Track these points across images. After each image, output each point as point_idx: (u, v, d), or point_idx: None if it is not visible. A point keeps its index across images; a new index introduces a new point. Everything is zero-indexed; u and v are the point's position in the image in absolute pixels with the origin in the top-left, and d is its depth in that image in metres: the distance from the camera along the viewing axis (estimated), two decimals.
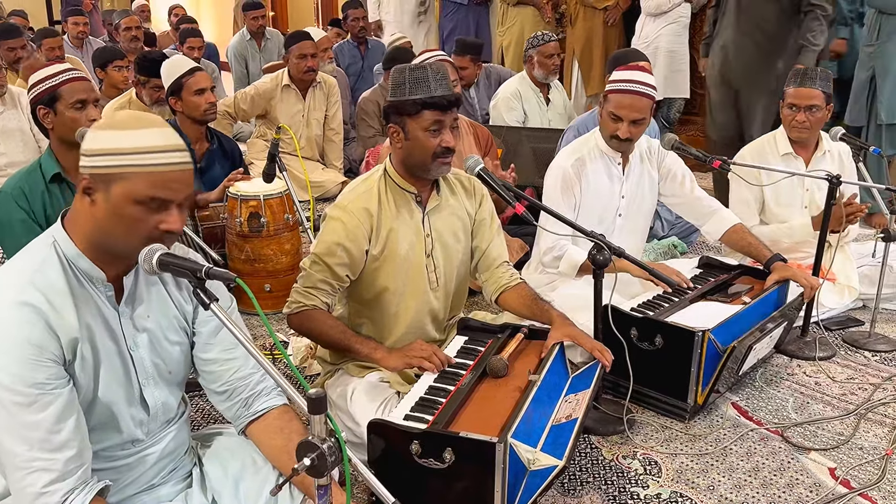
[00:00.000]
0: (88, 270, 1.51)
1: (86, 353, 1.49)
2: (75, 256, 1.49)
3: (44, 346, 1.41)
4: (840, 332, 3.20)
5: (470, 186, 2.46)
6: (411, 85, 2.15)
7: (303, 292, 2.27)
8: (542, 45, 4.70)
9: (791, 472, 2.32)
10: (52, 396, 1.41)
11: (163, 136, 1.46)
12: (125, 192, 1.43)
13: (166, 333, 1.65)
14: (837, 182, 2.87)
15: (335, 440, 1.29)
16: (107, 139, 1.44)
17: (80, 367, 1.48)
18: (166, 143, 1.46)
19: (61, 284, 1.47)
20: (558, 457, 1.91)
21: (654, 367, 2.53)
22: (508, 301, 2.47)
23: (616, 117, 2.78)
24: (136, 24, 6.67)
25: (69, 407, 1.44)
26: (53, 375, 1.42)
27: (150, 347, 1.61)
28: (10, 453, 1.40)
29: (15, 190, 2.48)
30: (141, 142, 1.43)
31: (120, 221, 1.45)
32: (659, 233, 4.12)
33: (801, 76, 3.22)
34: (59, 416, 1.41)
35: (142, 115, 1.52)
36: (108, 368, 1.54)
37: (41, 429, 1.40)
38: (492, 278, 2.49)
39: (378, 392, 2.25)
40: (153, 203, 1.44)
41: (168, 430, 1.69)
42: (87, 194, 1.46)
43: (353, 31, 6.66)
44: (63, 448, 1.42)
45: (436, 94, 2.14)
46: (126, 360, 1.58)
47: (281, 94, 5.02)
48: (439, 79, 2.16)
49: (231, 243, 3.46)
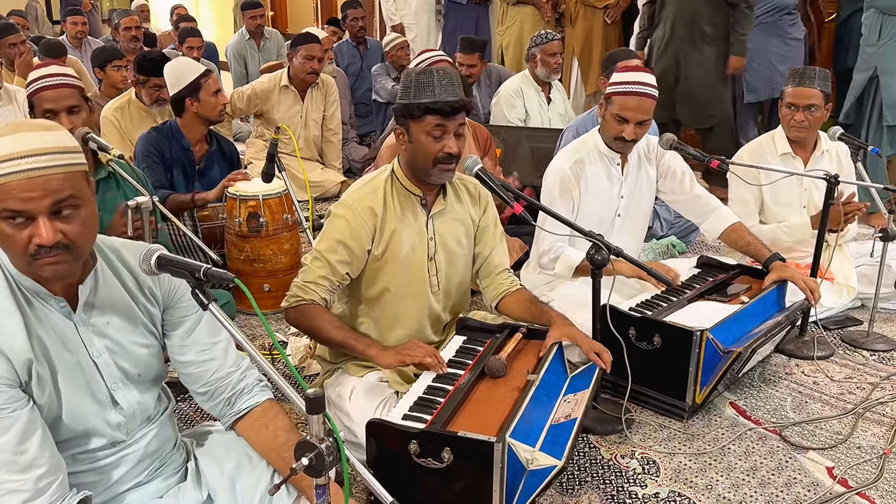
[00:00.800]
0: (32, 287, 1.48)
1: (42, 371, 1.47)
2: (18, 275, 1.46)
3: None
4: (838, 332, 3.21)
5: (475, 193, 2.46)
6: (416, 88, 2.15)
7: (302, 287, 2.27)
8: (546, 43, 4.71)
9: (789, 471, 2.32)
10: (12, 419, 1.40)
11: (14, 142, 1.36)
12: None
13: (131, 337, 1.62)
14: (836, 182, 2.88)
15: (333, 440, 1.30)
16: None
17: (38, 386, 1.46)
18: (14, 151, 1.35)
19: (8, 304, 1.44)
20: (557, 457, 1.91)
21: (652, 367, 2.54)
22: (508, 306, 2.48)
23: (622, 119, 2.78)
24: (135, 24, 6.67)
25: (31, 426, 1.42)
26: (10, 398, 1.40)
27: (113, 352, 1.59)
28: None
29: None
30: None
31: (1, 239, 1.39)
32: (658, 232, 4.13)
33: (799, 75, 3.22)
34: (21, 436, 1.40)
35: (17, 124, 1.42)
36: (69, 381, 1.51)
37: (6, 451, 1.38)
38: (492, 284, 2.50)
39: (377, 392, 2.25)
40: (13, 217, 1.36)
41: (149, 427, 1.68)
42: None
43: (352, 31, 6.67)
44: (31, 468, 1.40)
45: (440, 100, 2.13)
46: (90, 369, 1.55)
47: (279, 95, 5.02)
48: (445, 84, 2.14)
49: (230, 243, 3.47)
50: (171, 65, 3.60)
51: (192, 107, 3.46)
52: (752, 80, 5.57)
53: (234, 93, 5.16)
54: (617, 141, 2.84)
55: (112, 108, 4.18)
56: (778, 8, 5.43)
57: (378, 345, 2.27)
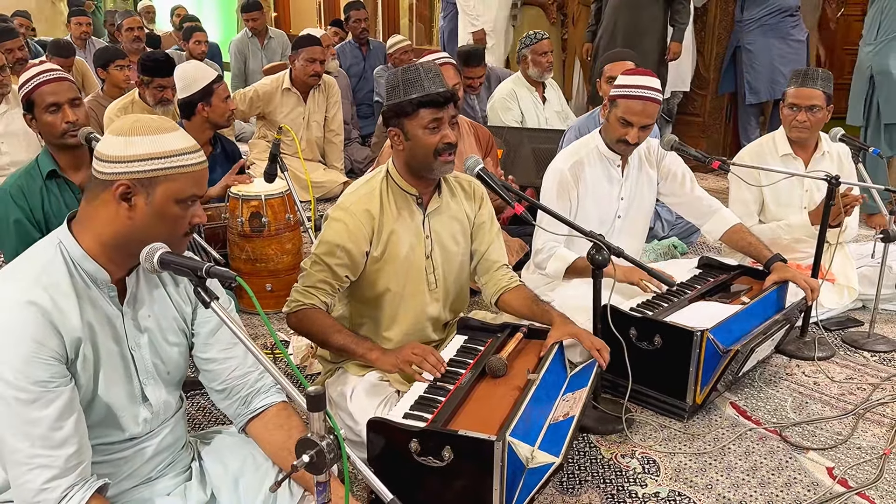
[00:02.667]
0: (93, 272, 1.53)
1: (87, 353, 1.51)
2: (81, 258, 1.51)
3: (47, 345, 1.42)
4: (839, 333, 3.21)
5: (470, 189, 2.47)
6: (405, 86, 2.17)
7: (302, 291, 2.28)
8: (535, 43, 4.72)
9: (789, 471, 2.33)
10: (55, 394, 1.43)
11: (186, 138, 1.54)
12: (169, 193, 1.49)
13: (166, 334, 1.67)
14: (836, 183, 2.88)
15: (334, 437, 1.31)
16: (144, 144, 1.48)
17: (82, 366, 1.50)
18: (193, 144, 1.54)
19: (66, 285, 1.49)
20: (555, 454, 1.92)
21: (652, 367, 2.54)
22: (508, 302, 2.48)
23: (626, 122, 2.79)
24: (137, 25, 6.69)
25: (70, 405, 1.46)
26: (56, 373, 1.44)
27: (150, 347, 1.64)
28: (12, 449, 1.42)
29: (13, 188, 2.50)
30: (175, 144, 1.50)
31: (162, 221, 1.51)
32: (659, 233, 4.13)
33: (802, 76, 3.22)
34: (60, 413, 1.43)
35: (162, 120, 1.56)
36: (108, 368, 1.56)
37: (43, 426, 1.42)
38: (491, 281, 2.50)
39: (378, 391, 2.26)
40: (190, 201, 1.53)
41: (165, 425, 1.71)
42: (124, 199, 1.48)
43: (354, 33, 6.68)
44: (64, 445, 1.43)
45: (430, 92, 2.15)
46: (127, 360, 1.60)
47: (282, 98, 5.04)
48: (432, 77, 2.17)
49: (232, 243, 3.48)
50: (183, 68, 3.61)
51: (203, 111, 3.48)
52: (754, 81, 5.61)
53: (235, 95, 5.17)
54: (619, 143, 2.84)
55: (115, 108, 4.19)
56: (780, 9, 5.45)
57: (378, 348, 2.27)
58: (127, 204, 1.49)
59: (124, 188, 1.48)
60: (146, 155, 1.47)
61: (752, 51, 5.60)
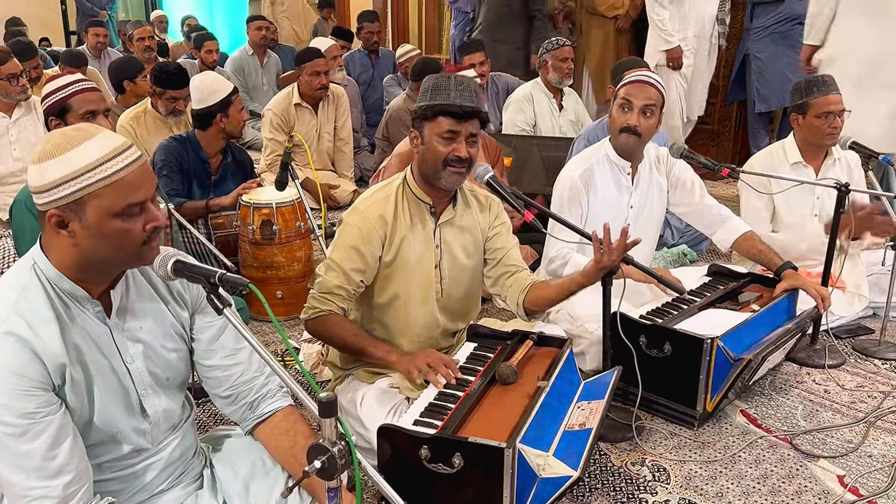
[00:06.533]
0: (71, 290, 1.49)
1: (76, 375, 1.47)
2: (56, 279, 1.48)
3: (30, 375, 1.39)
4: (850, 340, 3.20)
5: (486, 202, 2.47)
6: (433, 91, 2.20)
7: (319, 298, 2.29)
8: (557, 49, 4.75)
9: (800, 479, 2.32)
10: (44, 424, 1.40)
11: (106, 141, 1.43)
12: (100, 210, 1.41)
13: (162, 342, 1.64)
14: (846, 190, 2.88)
15: (345, 443, 1.31)
16: (58, 167, 1.40)
17: (72, 390, 1.47)
18: (115, 147, 1.43)
19: (44, 309, 1.45)
20: (573, 466, 1.92)
21: (663, 375, 2.54)
22: (536, 294, 2.38)
23: (627, 102, 2.79)
24: (148, 35, 6.75)
25: (62, 431, 1.43)
26: (43, 403, 1.41)
27: (145, 357, 1.61)
28: (9, 483, 1.40)
29: (28, 198, 2.52)
30: (91, 156, 1.40)
31: (105, 240, 1.43)
32: (669, 241, 4.13)
33: (823, 84, 3.18)
34: (52, 442, 1.41)
35: (75, 132, 1.46)
36: (102, 386, 1.53)
37: (36, 457, 1.39)
38: (515, 283, 2.43)
39: (388, 398, 2.27)
40: (131, 210, 1.43)
41: (173, 435, 1.70)
42: (60, 228, 1.43)
43: (366, 42, 6.74)
44: (60, 473, 1.41)
45: (454, 102, 2.16)
46: (122, 374, 1.57)
47: (297, 113, 5.09)
48: (461, 89, 2.18)
49: (243, 250, 3.50)
50: (201, 79, 3.65)
51: (220, 122, 3.55)
52: (764, 89, 5.60)
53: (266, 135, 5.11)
54: (623, 133, 2.81)
55: (129, 117, 4.23)
56: (789, 17, 5.45)
57: (396, 351, 2.29)
58: (66, 232, 1.43)
59: (56, 217, 1.42)
60: (59, 179, 1.39)
61: (762, 59, 5.60)
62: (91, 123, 1.54)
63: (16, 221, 2.53)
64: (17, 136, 4.25)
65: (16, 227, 2.54)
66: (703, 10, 5.58)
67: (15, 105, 4.26)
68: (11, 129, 4.25)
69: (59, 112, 2.55)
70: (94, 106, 2.55)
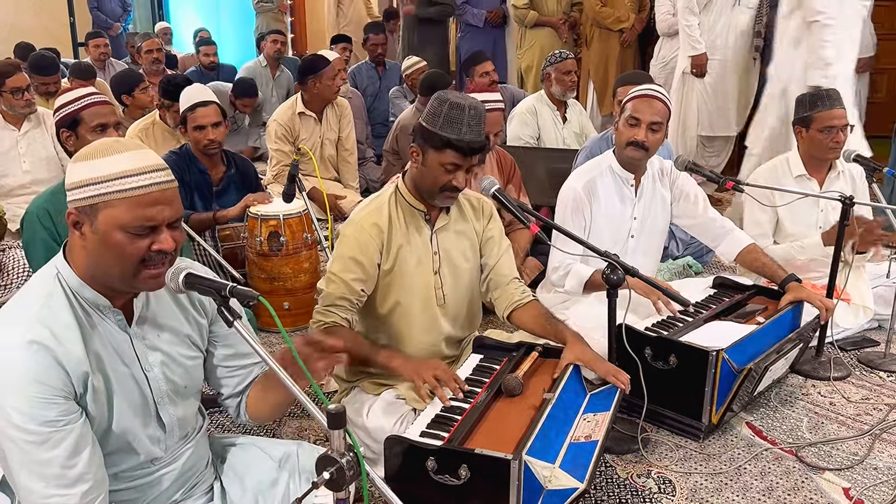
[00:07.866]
0: (93, 299, 1.51)
1: (97, 384, 1.49)
2: (78, 287, 1.50)
3: (52, 384, 1.40)
4: (855, 353, 3.20)
5: (479, 206, 2.50)
6: (445, 120, 2.17)
7: (323, 311, 2.32)
8: (560, 62, 4.76)
9: (805, 491, 2.32)
10: (65, 433, 1.41)
11: (138, 158, 1.46)
12: (111, 220, 1.43)
13: (180, 350, 1.66)
14: (851, 203, 2.89)
15: (354, 455, 1.33)
16: (84, 170, 1.44)
17: (93, 398, 1.48)
18: (143, 165, 1.45)
19: (67, 317, 1.47)
20: (579, 478, 1.92)
21: (668, 387, 2.55)
22: (521, 318, 2.48)
23: (635, 120, 2.81)
24: (157, 47, 6.80)
25: (82, 440, 1.44)
26: (64, 411, 1.42)
27: (164, 366, 1.62)
28: (27, 490, 1.41)
29: (39, 210, 2.55)
30: (117, 167, 1.43)
31: (108, 250, 1.45)
32: (674, 253, 4.14)
33: (828, 99, 3.20)
34: (72, 451, 1.42)
35: (116, 141, 1.51)
36: (122, 394, 1.54)
37: (55, 465, 1.40)
38: (503, 295, 2.50)
39: (394, 409, 2.28)
40: (140, 229, 1.44)
41: (187, 445, 1.71)
42: (75, 228, 1.47)
43: (371, 54, 6.78)
44: (78, 482, 1.42)
45: (464, 139, 2.17)
46: (141, 382, 1.58)
47: (301, 122, 5.12)
48: (473, 124, 2.18)
49: (251, 262, 3.52)
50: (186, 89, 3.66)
51: (184, 135, 3.55)
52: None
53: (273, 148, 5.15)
54: (630, 147, 2.83)
55: (137, 129, 4.26)
56: None
57: (400, 356, 2.31)
58: (78, 233, 1.47)
59: (73, 216, 1.46)
60: (81, 182, 1.44)
61: None
62: (135, 140, 1.56)
63: (27, 232, 2.56)
64: (26, 149, 4.28)
65: (27, 238, 2.56)
66: (733, 20, 5.45)
67: (24, 118, 4.29)
68: (20, 141, 4.29)
69: (70, 124, 2.58)
70: (105, 119, 2.58)
